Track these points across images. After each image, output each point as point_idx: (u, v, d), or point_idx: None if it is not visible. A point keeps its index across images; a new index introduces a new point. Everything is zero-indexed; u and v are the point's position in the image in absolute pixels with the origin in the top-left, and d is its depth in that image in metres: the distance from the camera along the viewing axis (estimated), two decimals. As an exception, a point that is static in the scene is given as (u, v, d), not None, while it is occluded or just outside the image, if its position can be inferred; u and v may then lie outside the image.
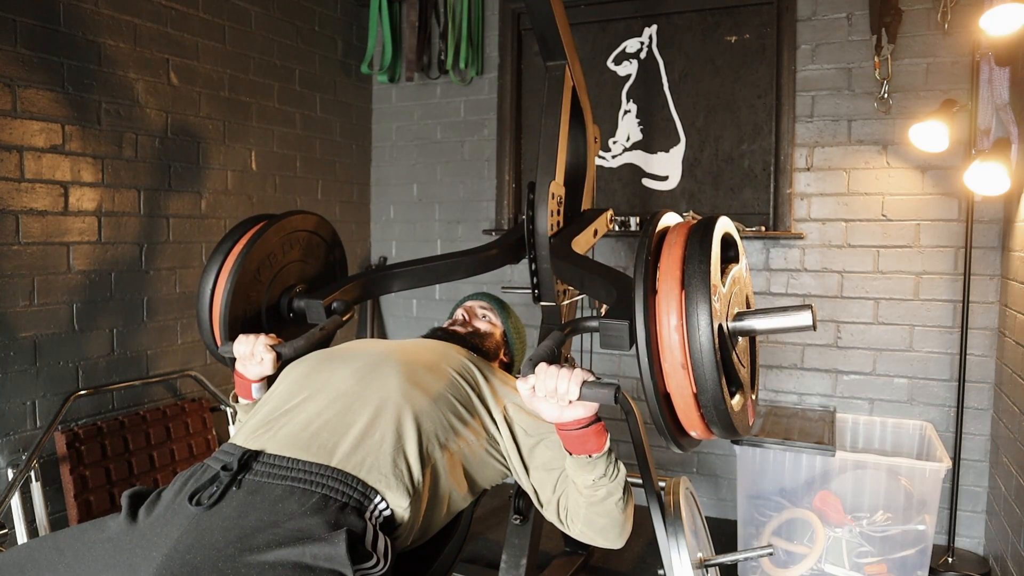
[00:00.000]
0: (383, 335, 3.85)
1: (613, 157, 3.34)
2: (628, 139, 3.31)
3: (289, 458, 1.23)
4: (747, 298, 1.37)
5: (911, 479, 2.39)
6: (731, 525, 2.87)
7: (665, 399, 1.21)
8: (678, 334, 1.16)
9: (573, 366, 1.25)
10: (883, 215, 2.86)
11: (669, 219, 1.36)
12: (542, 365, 1.23)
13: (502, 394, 1.50)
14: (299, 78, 3.29)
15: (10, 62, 2.17)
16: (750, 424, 1.32)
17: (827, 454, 2.42)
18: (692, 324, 1.14)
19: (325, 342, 1.70)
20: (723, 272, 1.24)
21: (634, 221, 3.18)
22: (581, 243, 2.00)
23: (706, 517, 2.16)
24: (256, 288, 1.74)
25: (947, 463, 2.35)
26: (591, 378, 1.20)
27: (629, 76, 3.28)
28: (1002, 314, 2.64)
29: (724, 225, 1.29)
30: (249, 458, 1.24)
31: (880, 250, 2.87)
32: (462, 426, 1.39)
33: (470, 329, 1.79)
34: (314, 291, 1.84)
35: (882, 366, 2.88)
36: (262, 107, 3.10)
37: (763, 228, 3.00)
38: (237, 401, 1.62)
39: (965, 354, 2.69)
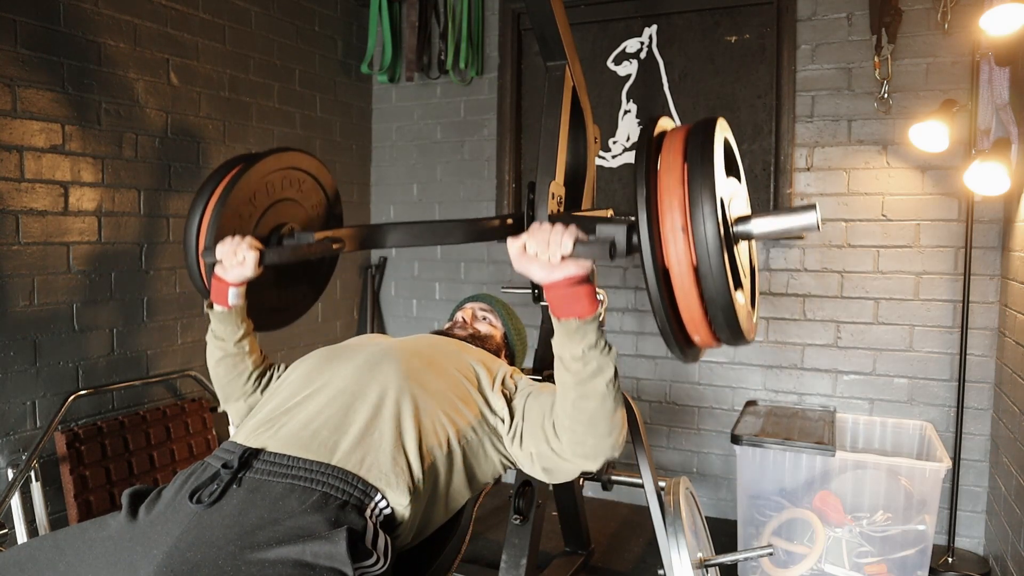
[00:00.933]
0: (382, 334, 3.84)
1: (613, 157, 3.34)
2: (628, 139, 3.31)
3: (290, 456, 1.23)
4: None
5: (911, 479, 2.39)
6: (731, 525, 2.87)
7: (664, 277, 1.14)
8: (679, 200, 1.10)
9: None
10: (883, 215, 2.86)
11: (667, 123, 1.33)
12: (534, 224, 1.20)
13: (499, 378, 1.50)
14: (299, 78, 3.29)
15: (10, 62, 2.17)
16: (752, 333, 1.25)
17: (827, 454, 2.42)
18: (695, 190, 1.08)
19: (316, 278, 1.66)
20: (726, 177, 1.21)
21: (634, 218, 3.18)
22: None
23: (706, 517, 2.16)
24: (249, 212, 1.71)
25: (947, 463, 2.35)
26: (584, 237, 1.15)
27: (629, 76, 3.28)
28: (1002, 314, 2.64)
29: (724, 127, 1.24)
30: (250, 456, 1.24)
31: (880, 250, 2.87)
32: (462, 422, 1.39)
33: (470, 331, 1.79)
34: (308, 231, 1.82)
35: (882, 366, 2.88)
36: (262, 107, 3.10)
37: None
38: (212, 308, 1.59)
39: (965, 354, 2.69)
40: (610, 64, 3.31)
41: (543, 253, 1.17)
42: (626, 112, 3.30)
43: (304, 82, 3.32)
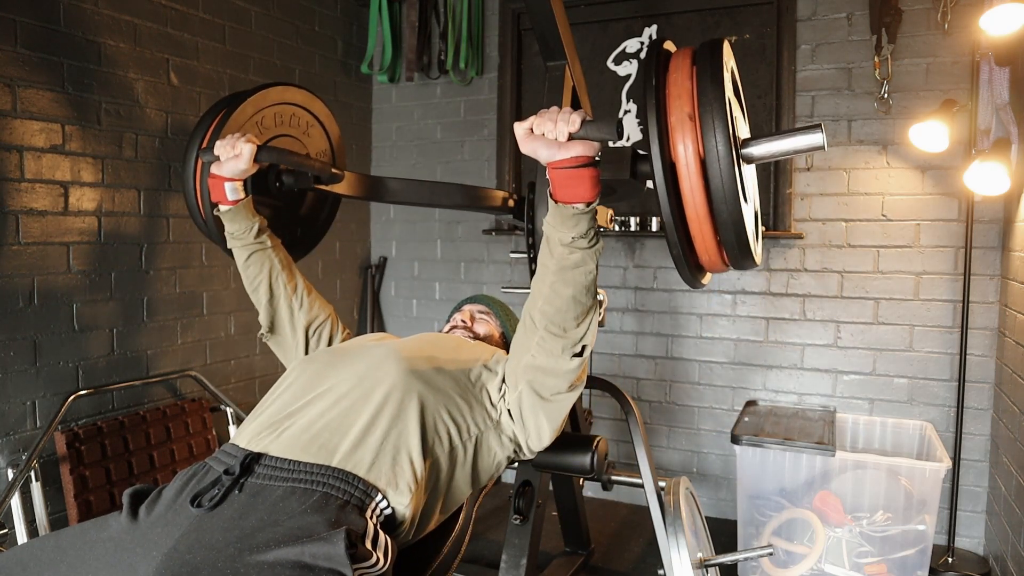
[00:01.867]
0: (383, 333, 3.84)
1: (613, 157, 3.33)
2: (628, 139, 3.31)
3: (291, 460, 1.23)
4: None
5: (911, 479, 2.39)
6: (731, 525, 2.87)
7: (671, 169, 1.12)
8: (687, 93, 1.08)
9: None
10: (883, 215, 2.86)
11: (671, 46, 1.32)
12: (542, 109, 1.19)
13: (497, 370, 1.49)
14: (299, 78, 3.29)
15: (10, 62, 2.17)
16: (758, 256, 1.23)
17: (827, 454, 2.42)
18: (703, 83, 1.06)
19: (316, 220, 1.65)
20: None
21: (634, 221, 3.18)
22: None
23: (706, 517, 2.16)
24: (252, 130, 1.72)
25: (947, 463, 2.35)
26: (591, 117, 1.15)
27: (629, 76, 3.28)
28: (1002, 314, 2.64)
29: (729, 50, 1.23)
30: (251, 461, 1.24)
31: (880, 250, 2.87)
32: (464, 419, 1.39)
33: (469, 334, 1.79)
34: None
35: (882, 366, 2.88)
36: (262, 107, 3.09)
37: (763, 228, 3.00)
38: (218, 211, 1.61)
39: (965, 354, 2.69)
40: (610, 64, 3.31)
41: (550, 132, 1.17)
42: (626, 112, 3.30)
43: (304, 82, 3.32)
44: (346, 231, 3.63)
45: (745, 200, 1.17)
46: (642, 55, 3.24)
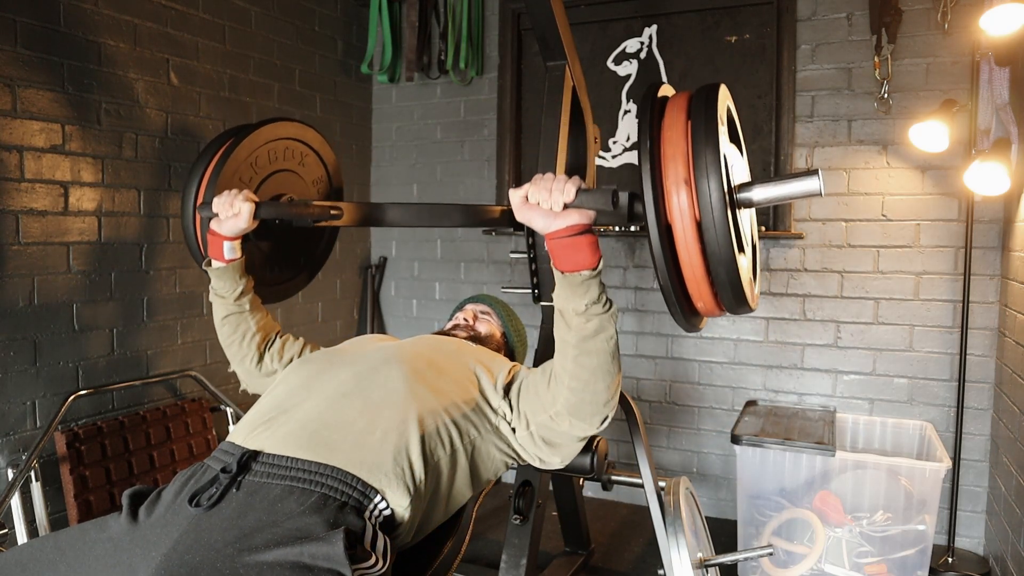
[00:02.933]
0: (383, 335, 3.84)
1: (613, 157, 3.34)
2: (628, 139, 3.31)
3: (288, 457, 1.23)
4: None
5: (911, 479, 2.39)
6: (731, 525, 2.87)
7: (668, 233, 1.13)
8: (682, 154, 1.09)
9: None
10: (883, 215, 2.86)
11: (668, 90, 1.32)
12: (537, 175, 1.20)
13: (500, 375, 1.49)
14: (299, 78, 3.29)
15: (10, 62, 2.17)
16: (755, 302, 1.24)
17: (827, 454, 2.42)
18: (698, 143, 1.07)
19: (314, 251, 1.67)
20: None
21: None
22: None
23: (706, 517, 2.16)
24: (247, 173, 1.72)
25: (947, 463, 2.35)
26: (586, 185, 1.15)
27: (629, 76, 3.28)
28: (1002, 314, 2.64)
29: (725, 93, 1.24)
30: (248, 459, 1.24)
31: (880, 250, 2.87)
32: (464, 422, 1.39)
33: (470, 332, 1.79)
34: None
35: (882, 366, 2.88)
36: (262, 107, 3.09)
37: (763, 228, 3.00)
38: (210, 265, 1.61)
39: (965, 354, 2.69)
40: (610, 64, 3.31)
41: (545, 201, 1.17)
42: (626, 112, 3.30)
43: (304, 82, 3.32)
44: (346, 231, 3.63)
45: (741, 251, 1.17)
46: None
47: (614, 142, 3.32)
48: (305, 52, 3.33)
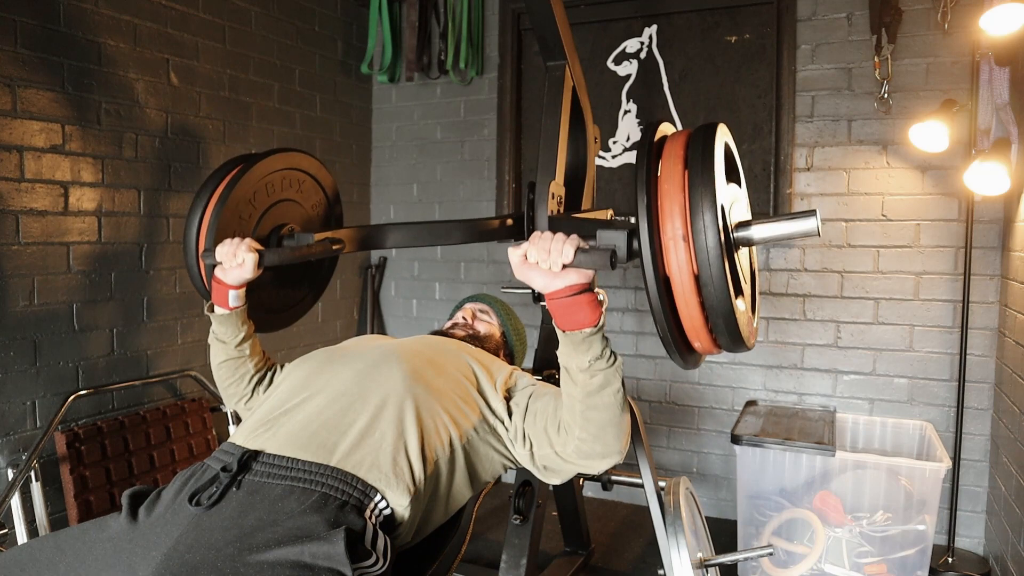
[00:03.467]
0: (383, 335, 3.84)
1: (613, 157, 3.34)
2: (628, 139, 3.31)
3: (289, 457, 1.23)
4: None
5: (911, 479, 2.39)
6: (731, 525, 2.87)
7: (666, 285, 1.14)
8: (680, 209, 1.10)
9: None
10: (883, 215, 2.86)
11: (667, 128, 1.32)
12: (536, 232, 1.20)
13: (501, 378, 1.50)
14: (299, 78, 3.29)
15: (10, 62, 2.17)
16: (752, 340, 1.25)
17: (827, 454, 2.42)
18: (696, 199, 1.08)
19: (316, 279, 1.67)
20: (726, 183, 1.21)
21: (634, 221, 3.18)
22: None
23: (706, 517, 2.16)
24: (248, 212, 1.72)
25: (947, 463, 2.35)
26: (586, 245, 1.15)
27: (629, 76, 3.28)
28: (1002, 314, 2.64)
29: (724, 132, 1.24)
30: (249, 458, 1.24)
31: (880, 250, 2.87)
32: (464, 422, 1.39)
33: (469, 331, 1.79)
34: (308, 232, 1.83)
35: (882, 366, 2.88)
36: (262, 107, 3.10)
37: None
38: (212, 311, 1.61)
39: (965, 354, 2.69)
40: (610, 64, 3.31)
41: (544, 262, 1.17)
42: (626, 112, 3.30)
43: (304, 82, 3.32)
44: (346, 231, 3.63)
45: (740, 294, 1.18)
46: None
47: (614, 142, 3.32)
48: (305, 52, 3.33)
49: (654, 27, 3.22)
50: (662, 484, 1.90)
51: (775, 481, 2.53)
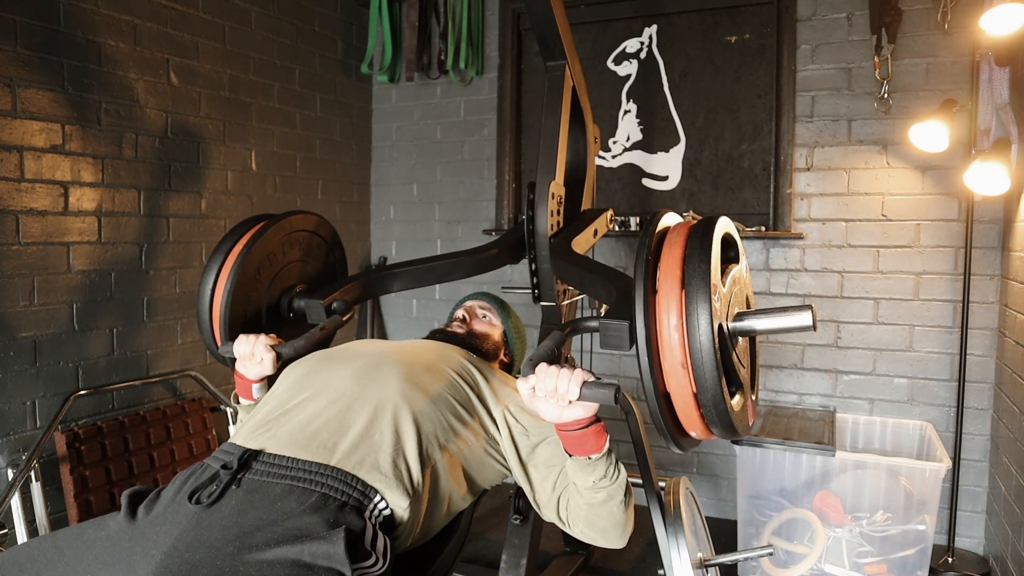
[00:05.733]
0: (383, 335, 3.85)
1: (613, 157, 3.34)
2: (628, 139, 3.31)
3: (289, 457, 1.23)
4: (747, 298, 1.37)
5: (911, 479, 2.39)
6: (731, 525, 2.87)
7: (665, 398, 1.21)
8: (678, 333, 1.16)
9: (573, 366, 1.25)
10: (883, 215, 2.86)
11: (669, 219, 1.36)
12: (542, 365, 1.23)
13: (502, 395, 1.50)
14: (299, 78, 3.29)
15: (10, 62, 2.17)
16: (750, 424, 1.32)
17: (827, 454, 2.42)
18: (692, 323, 1.14)
19: (325, 342, 1.70)
20: (723, 272, 1.24)
21: (634, 221, 3.18)
22: (581, 243, 2.00)
23: (706, 517, 2.16)
24: (256, 288, 1.74)
25: (947, 463, 2.35)
26: (591, 378, 1.20)
27: (629, 76, 3.28)
28: (1002, 314, 2.64)
29: (724, 225, 1.29)
30: (249, 457, 1.24)
31: (880, 250, 2.87)
32: (461, 427, 1.39)
33: (470, 330, 1.79)
34: (314, 291, 1.84)
35: (882, 366, 2.88)
36: (262, 107, 3.10)
37: (763, 228, 3.00)
38: (239, 402, 1.62)
39: (965, 354, 2.69)
40: (610, 64, 3.31)
41: (551, 397, 1.21)
42: (626, 112, 3.30)
43: (304, 82, 3.32)
44: (346, 231, 3.63)
45: (738, 390, 1.24)
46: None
47: (614, 142, 3.32)
48: (305, 52, 3.33)
49: (654, 27, 3.22)
50: (662, 484, 1.90)
51: (775, 481, 2.53)
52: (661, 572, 1.78)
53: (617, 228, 3.18)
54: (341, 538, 1.08)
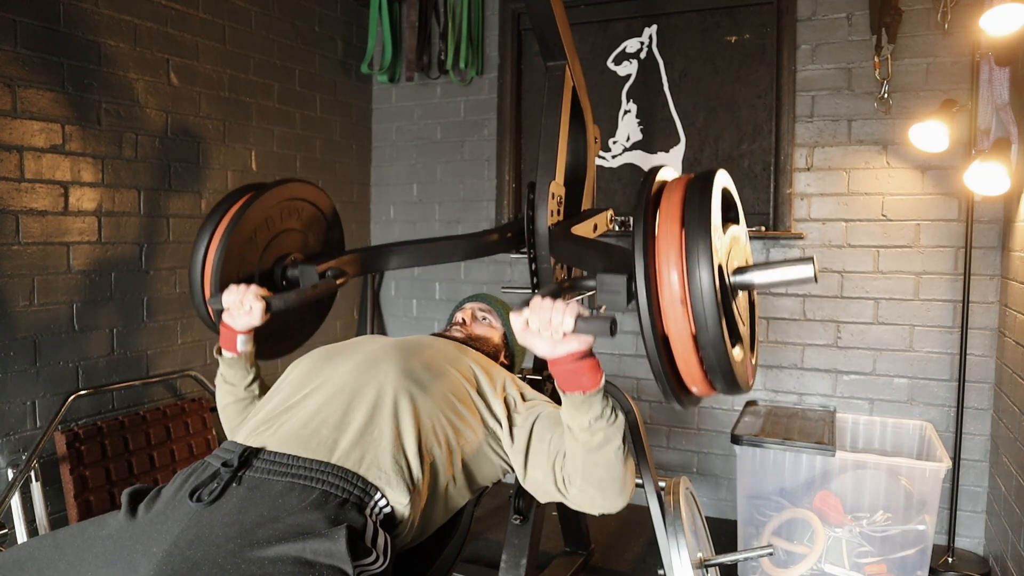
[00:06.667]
0: (383, 335, 3.84)
1: (613, 157, 3.34)
2: (628, 139, 3.31)
3: (289, 455, 1.24)
4: (746, 261, 1.35)
5: (911, 479, 2.39)
6: (731, 525, 2.87)
7: (664, 343, 1.17)
8: (677, 271, 1.13)
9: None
10: (883, 215, 2.86)
11: (667, 173, 1.35)
12: (536, 298, 1.21)
13: (500, 384, 1.50)
14: (299, 78, 3.29)
15: (10, 62, 2.17)
16: (750, 384, 1.29)
17: (827, 454, 2.42)
18: (692, 261, 1.11)
19: (320, 305, 1.69)
20: (723, 227, 1.23)
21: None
22: (580, 231, 2.00)
23: (706, 517, 2.16)
24: (251, 249, 1.72)
25: (947, 463, 2.35)
26: (586, 312, 1.17)
27: (629, 76, 3.28)
28: (1002, 314, 2.64)
29: (724, 177, 1.27)
30: (249, 455, 1.24)
31: (880, 250, 2.87)
32: (461, 423, 1.39)
33: (469, 333, 1.79)
34: (310, 261, 1.84)
35: (882, 366, 2.88)
36: (262, 107, 3.10)
37: (763, 228, 3.00)
38: (220, 354, 1.61)
39: (965, 354, 2.69)
40: (610, 64, 3.31)
41: (545, 330, 1.19)
42: (626, 112, 3.30)
43: (304, 82, 3.32)
44: (346, 231, 3.61)
45: (737, 342, 1.21)
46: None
47: (614, 142, 3.32)
48: (305, 52, 3.33)
49: (654, 27, 3.23)
50: (662, 484, 1.90)
51: (775, 481, 2.53)
52: (661, 572, 1.78)
53: (617, 228, 3.18)
54: (343, 535, 1.08)
